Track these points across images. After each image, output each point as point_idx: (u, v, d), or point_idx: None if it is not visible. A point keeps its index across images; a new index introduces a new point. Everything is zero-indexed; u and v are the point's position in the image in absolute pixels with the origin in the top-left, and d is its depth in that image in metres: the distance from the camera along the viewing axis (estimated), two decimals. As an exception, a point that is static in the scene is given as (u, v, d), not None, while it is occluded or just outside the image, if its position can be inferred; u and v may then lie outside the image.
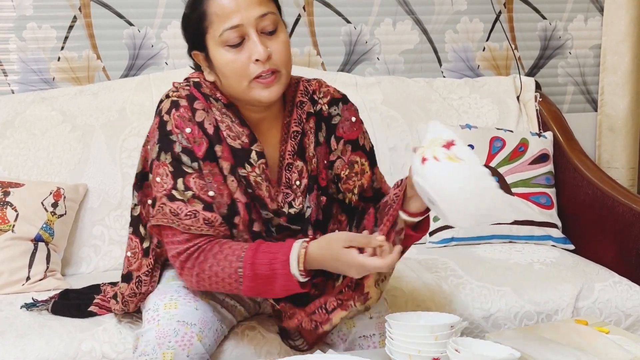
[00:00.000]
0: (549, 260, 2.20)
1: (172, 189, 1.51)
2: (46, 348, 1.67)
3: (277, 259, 1.46)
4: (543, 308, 1.97)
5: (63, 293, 1.87)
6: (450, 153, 1.25)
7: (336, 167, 1.62)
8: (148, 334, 1.50)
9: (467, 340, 1.32)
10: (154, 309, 1.54)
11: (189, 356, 1.48)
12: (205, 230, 1.50)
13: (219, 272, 1.49)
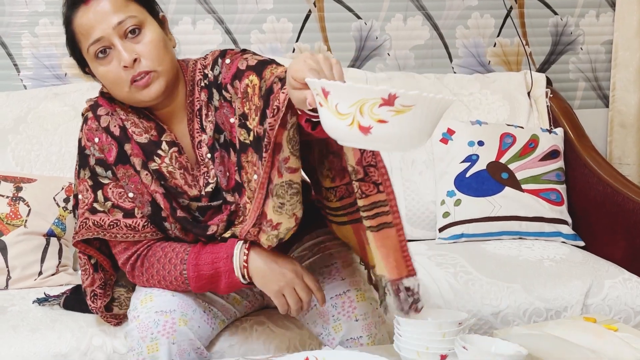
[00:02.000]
0: (558, 256, 2.20)
1: (93, 202, 1.56)
2: (58, 342, 1.68)
3: (219, 257, 1.51)
4: (552, 305, 1.97)
5: (75, 288, 1.88)
6: (393, 109, 1.02)
7: (237, 109, 1.51)
8: (132, 331, 1.53)
9: (474, 337, 1.33)
10: (133, 308, 1.57)
11: (175, 343, 1.50)
12: (130, 236, 1.55)
13: (165, 275, 1.55)
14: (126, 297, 1.71)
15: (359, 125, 1.04)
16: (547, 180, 2.42)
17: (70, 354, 1.67)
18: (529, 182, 2.40)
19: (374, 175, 1.31)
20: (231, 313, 1.69)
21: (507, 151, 2.43)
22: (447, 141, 2.45)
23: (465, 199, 2.38)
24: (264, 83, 1.43)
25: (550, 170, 2.43)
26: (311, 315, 1.63)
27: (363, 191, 1.34)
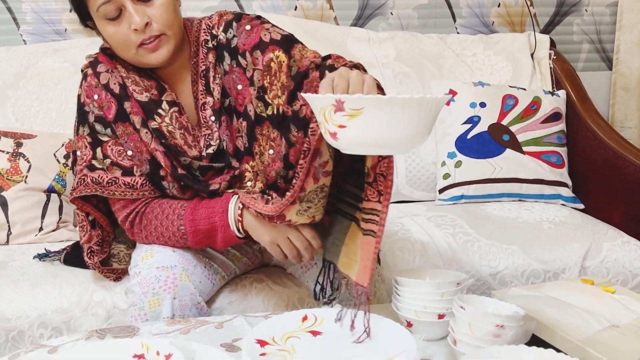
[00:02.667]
0: (558, 219, 2.20)
1: (91, 159, 1.56)
2: (58, 297, 1.69)
3: (215, 212, 1.51)
4: (550, 267, 1.98)
5: (75, 244, 1.88)
6: (346, 113, 1.03)
7: (257, 81, 1.54)
8: (133, 287, 1.54)
9: (472, 298, 1.33)
10: (134, 265, 1.58)
11: (177, 298, 1.51)
12: (129, 194, 1.55)
13: (164, 232, 1.55)
14: (126, 254, 1.72)
15: (329, 132, 1.08)
16: (548, 142, 2.41)
17: (70, 309, 1.68)
18: (530, 145, 2.39)
19: (380, 184, 1.32)
20: (231, 270, 1.70)
21: (509, 113, 2.42)
22: (449, 102, 2.44)
23: (465, 160, 2.38)
24: (294, 63, 1.49)
25: (552, 133, 2.42)
26: (311, 273, 1.63)
27: (367, 194, 1.35)
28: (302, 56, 1.50)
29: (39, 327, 1.65)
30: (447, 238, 2.04)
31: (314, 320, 1.39)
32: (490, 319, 1.22)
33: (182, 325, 1.41)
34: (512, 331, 1.22)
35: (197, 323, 1.42)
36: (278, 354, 1.27)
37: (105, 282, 1.72)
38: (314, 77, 1.47)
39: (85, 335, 1.36)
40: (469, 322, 1.24)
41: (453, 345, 1.26)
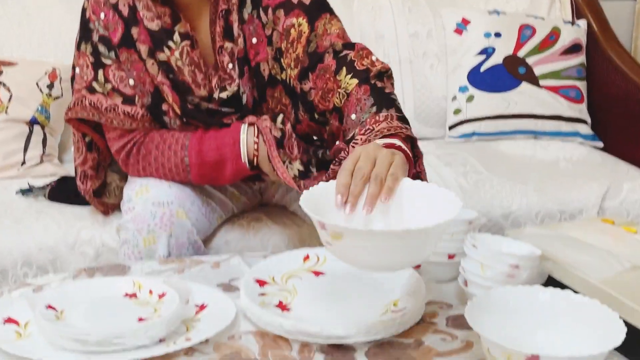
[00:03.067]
0: (575, 157, 2.19)
1: (92, 81, 1.52)
2: (44, 234, 1.68)
3: (225, 143, 1.48)
4: (567, 207, 1.97)
5: (60, 180, 1.88)
6: (328, 234, 1.02)
7: (275, 42, 1.52)
8: (127, 224, 1.52)
9: (485, 237, 1.32)
10: (128, 200, 1.55)
11: (173, 236, 1.50)
12: (127, 124, 1.52)
13: (164, 163, 1.52)
14: (117, 186, 1.70)
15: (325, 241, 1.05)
16: (567, 76, 2.38)
17: (56, 247, 1.67)
18: (547, 78, 2.36)
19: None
20: (229, 208, 1.69)
21: (525, 44, 2.38)
22: (462, 32, 2.40)
23: (478, 94, 2.35)
24: (314, 38, 1.47)
25: (571, 66, 2.39)
26: None
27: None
28: (325, 32, 1.47)
29: (23, 265, 1.65)
30: (458, 177, 2.03)
31: (316, 260, 1.38)
32: (504, 259, 1.21)
33: (176, 264, 1.41)
34: (527, 272, 1.21)
35: (192, 263, 1.41)
36: (278, 294, 1.26)
37: (94, 219, 1.71)
38: (328, 65, 1.45)
39: (72, 273, 1.36)
40: (481, 262, 1.23)
41: (464, 287, 1.26)
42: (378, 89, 1.40)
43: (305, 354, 1.11)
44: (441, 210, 1.06)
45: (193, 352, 1.10)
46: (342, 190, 1.10)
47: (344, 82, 1.43)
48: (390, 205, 1.09)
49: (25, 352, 1.05)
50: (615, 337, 1.01)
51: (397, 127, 1.29)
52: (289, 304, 1.23)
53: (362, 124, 1.34)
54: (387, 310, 1.19)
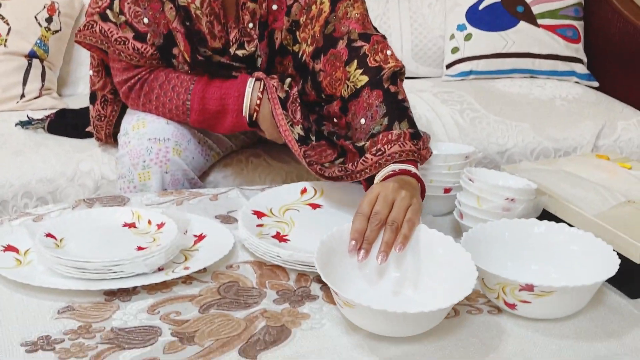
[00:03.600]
0: (571, 96, 2.16)
1: (106, 8, 1.46)
2: (43, 166, 1.66)
3: (229, 94, 1.43)
4: (562, 145, 1.96)
5: (59, 112, 1.85)
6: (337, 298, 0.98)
7: (294, 13, 1.48)
8: (122, 157, 1.50)
9: (481, 171, 1.30)
10: (124, 133, 1.52)
11: (169, 172, 1.48)
12: (135, 59, 1.46)
13: (165, 102, 1.48)
14: None
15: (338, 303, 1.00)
16: (565, 15, 2.33)
17: (56, 179, 1.65)
18: (545, 17, 2.32)
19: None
20: (227, 146, 1.67)
21: (523, -18, 2.34)
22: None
23: (476, 33, 2.31)
24: (333, 20, 1.43)
25: (569, 5, 2.34)
26: None
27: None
28: (345, 15, 1.42)
29: (23, 196, 1.63)
30: (454, 114, 2.01)
31: (313, 193, 1.37)
32: (500, 192, 1.20)
33: (175, 196, 1.39)
34: (523, 205, 1.20)
35: (190, 195, 1.40)
36: (275, 226, 1.25)
37: (93, 151, 1.69)
38: (339, 52, 1.40)
39: (72, 204, 1.34)
40: (478, 196, 1.22)
41: (460, 220, 1.25)
42: (391, 96, 1.33)
43: (302, 283, 1.10)
44: (455, 268, 1.02)
45: (192, 281, 1.10)
46: (356, 236, 1.06)
47: (353, 75, 1.38)
48: (407, 252, 1.07)
49: (25, 279, 1.04)
50: (609, 269, 1.01)
51: (408, 152, 1.24)
52: (286, 235, 1.22)
53: (374, 138, 1.28)
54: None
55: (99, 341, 0.94)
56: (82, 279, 1.05)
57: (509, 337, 0.98)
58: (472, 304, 1.05)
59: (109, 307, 1.02)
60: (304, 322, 1.00)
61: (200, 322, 0.99)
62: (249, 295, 1.06)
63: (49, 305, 1.02)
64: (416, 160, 1.24)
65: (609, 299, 1.08)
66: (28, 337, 0.94)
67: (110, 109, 1.60)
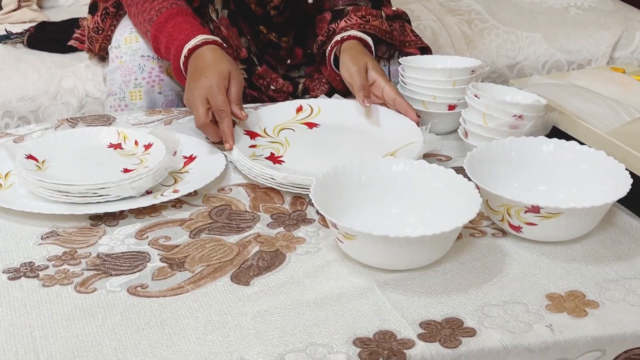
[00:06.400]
0: (586, 4, 2.13)
1: None
2: (24, 84, 1.64)
3: (172, 44, 1.35)
4: (575, 57, 1.94)
5: (40, 26, 1.82)
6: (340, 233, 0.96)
7: None
8: (113, 73, 1.48)
9: (488, 86, 1.29)
10: (116, 46, 1.50)
11: (162, 93, 1.47)
12: None
13: (137, 24, 1.45)
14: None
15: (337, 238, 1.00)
16: None
17: (37, 97, 1.64)
18: None
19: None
20: None
21: None
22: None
23: (486, -64, 2.25)
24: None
25: None
26: None
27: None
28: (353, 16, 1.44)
29: (4, 116, 1.62)
30: (461, 25, 1.98)
31: (309, 111, 1.36)
32: (507, 109, 1.19)
33: (164, 115, 1.38)
34: (531, 122, 1.19)
35: (180, 113, 1.39)
36: (269, 147, 1.25)
37: (76, 67, 1.67)
38: (323, 17, 1.47)
39: (54, 124, 1.34)
40: (483, 112, 1.21)
41: (464, 138, 1.24)
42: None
43: (297, 206, 1.10)
44: (458, 198, 1.01)
45: (181, 205, 1.10)
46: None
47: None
48: (405, 189, 1.05)
49: (6, 203, 1.04)
50: (620, 189, 1.00)
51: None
52: (280, 156, 1.22)
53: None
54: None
55: (84, 267, 0.95)
56: (66, 203, 1.05)
57: (514, 260, 0.98)
58: (475, 226, 1.05)
59: (94, 232, 1.02)
60: (299, 246, 1.00)
61: (191, 247, 1.00)
62: (242, 219, 1.06)
63: (32, 231, 1.02)
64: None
65: (619, 220, 1.08)
66: (10, 264, 0.95)
67: (109, 22, 1.57)
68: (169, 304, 0.88)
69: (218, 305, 0.88)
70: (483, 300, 0.90)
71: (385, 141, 1.26)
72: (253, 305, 0.89)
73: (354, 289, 0.92)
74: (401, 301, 0.90)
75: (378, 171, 1.05)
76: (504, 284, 0.93)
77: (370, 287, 0.92)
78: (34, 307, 0.87)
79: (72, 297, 0.89)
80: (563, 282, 0.94)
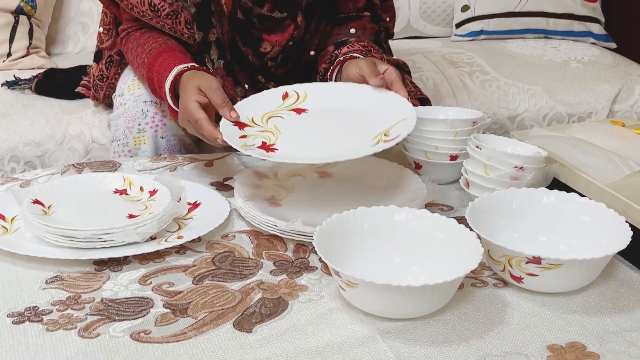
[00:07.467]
0: (587, 58, 2.16)
1: None
2: (31, 129, 1.67)
3: (161, 80, 1.37)
4: (576, 110, 1.96)
5: (48, 72, 1.85)
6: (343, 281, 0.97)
7: None
8: (117, 119, 1.50)
9: (489, 137, 1.30)
10: (120, 94, 1.52)
11: (164, 137, 1.49)
12: (148, 17, 1.44)
13: (136, 70, 1.48)
14: None
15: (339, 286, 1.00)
16: (582, -28, 2.32)
17: (44, 143, 1.66)
18: (561, -26, 2.31)
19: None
20: None
21: (539, -63, 2.31)
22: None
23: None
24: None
25: (587, -39, 2.33)
26: None
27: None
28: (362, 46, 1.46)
29: (10, 161, 1.64)
30: (463, 77, 2.00)
31: (295, 98, 1.32)
32: (509, 160, 1.20)
33: (169, 162, 1.40)
34: (532, 173, 1.20)
35: (184, 160, 1.40)
36: (260, 136, 1.22)
37: (83, 113, 1.70)
38: (326, 51, 1.48)
39: (61, 169, 1.35)
40: (485, 163, 1.22)
41: (466, 188, 1.25)
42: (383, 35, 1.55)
43: (300, 253, 1.11)
44: (460, 248, 1.02)
45: (185, 251, 1.10)
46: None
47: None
48: (407, 238, 1.07)
49: (12, 247, 1.05)
50: (621, 241, 1.01)
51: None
52: (273, 144, 1.20)
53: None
54: (378, 141, 1.18)
55: (88, 312, 0.95)
56: (71, 248, 1.06)
57: (515, 311, 0.98)
58: (477, 276, 1.05)
59: (99, 277, 1.03)
60: (301, 294, 1.01)
61: (194, 294, 1.00)
62: (245, 266, 1.07)
63: (37, 275, 1.02)
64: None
65: (620, 272, 1.08)
66: (15, 308, 0.95)
67: (114, 70, 1.59)
68: (171, 350, 0.89)
69: (220, 352, 0.88)
70: (484, 351, 0.90)
71: (377, 120, 1.24)
72: (255, 352, 0.89)
73: (356, 338, 0.92)
74: (403, 350, 0.90)
75: (381, 219, 1.06)
76: (505, 335, 0.94)
77: (372, 336, 0.92)
78: (38, 352, 0.88)
79: (75, 342, 0.90)
80: (564, 334, 0.94)
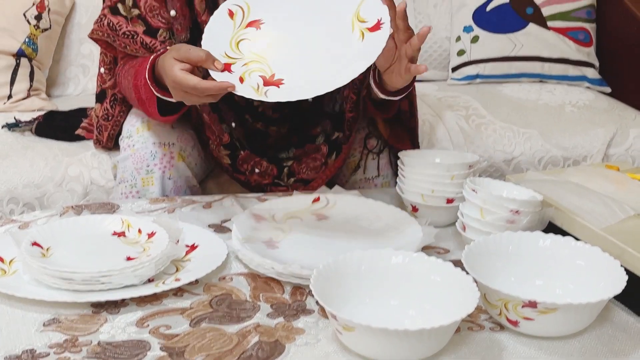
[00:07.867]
0: (581, 102, 2.17)
1: (118, 2, 1.47)
2: (30, 170, 1.67)
3: (142, 72, 1.38)
4: (571, 153, 1.97)
5: (48, 114, 1.86)
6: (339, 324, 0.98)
7: None
8: (124, 161, 1.51)
9: (485, 181, 1.31)
10: (127, 136, 1.53)
11: (172, 178, 1.49)
12: (141, 53, 1.46)
13: (131, 100, 1.50)
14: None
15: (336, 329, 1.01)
16: (576, 17, 2.34)
17: (43, 184, 1.66)
18: (555, 19, 2.33)
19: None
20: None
21: (533, -18, 2.35)
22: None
23: (483, 35, 2.32)
24: None
25: (581, 7, 2.35)
26: None
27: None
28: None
29: (9, 202, 1.64)
30: (459, 120, 2.02)
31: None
32: (505, 204, 1.21)
33: (167, 203, 1.40)
34: (528, 217, 1.21)
35: (182, 202, 1.41)
36: (250, 70, 1.21)
37: (82, 155, 1.70)
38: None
39: (59, 211, 1.35)
40: (481, 207, 1.22)
41: (462, 232, 1.26)
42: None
43: (297, 296, 1.11)
44: (456, 291, 1.03)
45: (183, 293, 1.10)
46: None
47: None
48: (403, 281, 1.08)
49: (9, 289, 1.05)
50: (616, 285, 1.01)
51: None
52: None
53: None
54: (361, 32, 1.20)
55: (85, 355, 0.95)
56: (68, 290, 1.06)
57: (511, 355, 0.98)
58: (473, 320, 1.06)
59: (96, 320, 1.03)
60: (298, 337, 1.01)
61: (191, 337, 1.00)
62: (242, 309, 1.07)
63: (34, 317, 1.02)
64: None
65: (615, 316, 1.08)
66: (12, 351, 0.95)
67: (119, 109, 1.61)
68: (168, 394, 0.88)
69: (217, 395, 0.88)
70: (481, 395, 0.90)
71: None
72: (252, 396, 0.89)
73: (353, 381, 0.92)
74: (399, 394, 0.90)
75: (377, 263, 1.07)
76: (501, 379, 0.94)
77: (368, 380, 0.92)
78: (34, 395, 0.88)
79: (72, 385, 0.90)
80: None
